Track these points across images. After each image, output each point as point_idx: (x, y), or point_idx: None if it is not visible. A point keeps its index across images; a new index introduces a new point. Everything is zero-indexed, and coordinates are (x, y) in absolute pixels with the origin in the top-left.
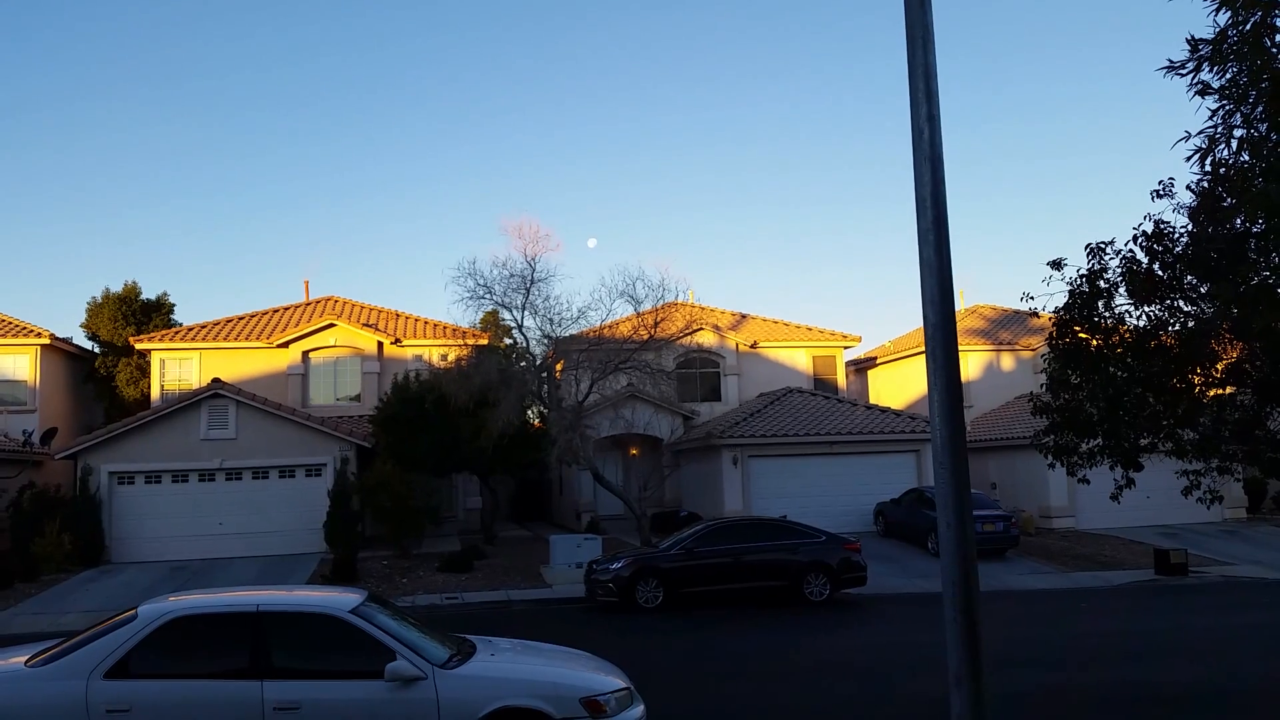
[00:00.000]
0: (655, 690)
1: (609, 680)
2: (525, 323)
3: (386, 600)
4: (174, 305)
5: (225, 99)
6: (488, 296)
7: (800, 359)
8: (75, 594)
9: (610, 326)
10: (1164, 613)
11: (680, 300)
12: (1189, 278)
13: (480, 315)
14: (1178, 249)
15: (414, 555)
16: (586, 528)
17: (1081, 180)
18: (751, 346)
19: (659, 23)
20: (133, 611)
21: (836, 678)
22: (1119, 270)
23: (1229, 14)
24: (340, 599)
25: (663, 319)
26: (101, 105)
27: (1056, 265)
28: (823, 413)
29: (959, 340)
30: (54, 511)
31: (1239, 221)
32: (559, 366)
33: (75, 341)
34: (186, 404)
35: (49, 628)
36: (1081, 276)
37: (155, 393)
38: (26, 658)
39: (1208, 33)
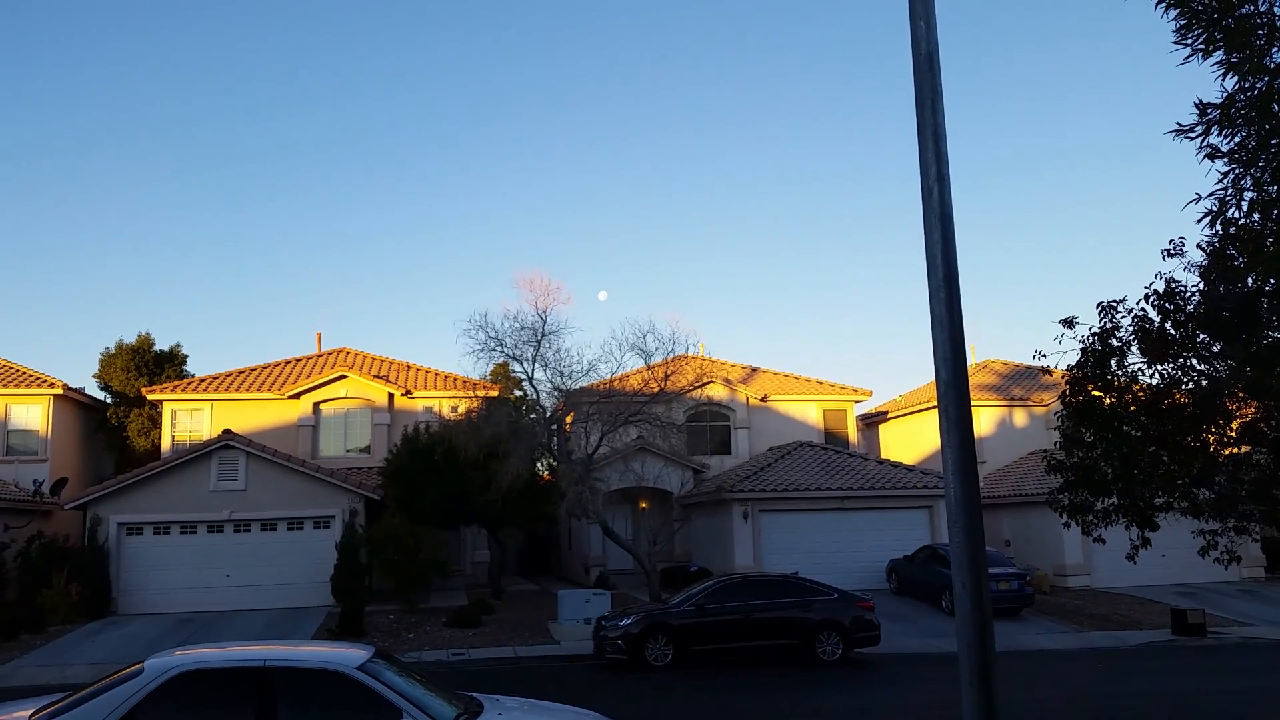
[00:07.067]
0: None
1: None
2: (535, 375)
3: (393, 656)
4: (187, 356)
5: (238, 149)
6: (498, 349)
7: (811, 413)
8: (81, 646)
9: (620, 379)
10: (1183, 674)
11: (691, 353)
12: (1201, 336)
13: (491, 367)
14: (1189, 308)
15: (421, 609)
16: (595, 582)
17: (1092, 237)
18: (762, 400)
19: (670, 75)
20: (139, 665)
21: None
22: (1131, 328)
23: (1236, 79)
24: (347, 655)
25: (673, 372)
26: (115, 155)
27: (1068, 323)
28: (834, 467)
29: (970, 396)
30: (62, 562)
31: (1250, 280)
32: (569, 419)
33: (88, 392)
34: (196, 455)
35: (54, 680)
36: (1093, 334)
37: (166, 443)
38: (31, 712)
39: (1216, 96)
